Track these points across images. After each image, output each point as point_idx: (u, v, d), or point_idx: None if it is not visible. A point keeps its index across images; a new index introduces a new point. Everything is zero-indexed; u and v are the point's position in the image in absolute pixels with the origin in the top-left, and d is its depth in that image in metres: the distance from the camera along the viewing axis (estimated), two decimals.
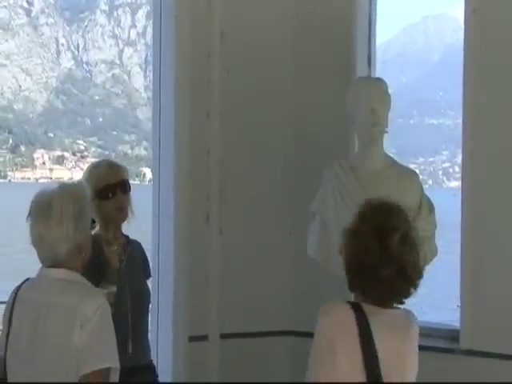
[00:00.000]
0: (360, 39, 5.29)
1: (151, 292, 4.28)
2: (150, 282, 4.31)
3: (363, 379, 2.71)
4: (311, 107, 5.33)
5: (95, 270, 3.18)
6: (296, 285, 5.30)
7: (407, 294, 2.88)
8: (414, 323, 2.93)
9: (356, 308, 2.78)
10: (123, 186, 3.94)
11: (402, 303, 2.91)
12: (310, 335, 5.09)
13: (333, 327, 2.78)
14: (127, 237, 4.08)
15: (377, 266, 2.77)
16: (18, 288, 3.10)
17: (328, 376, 2.75)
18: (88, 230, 3.09)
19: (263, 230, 5.30)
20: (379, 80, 4.56)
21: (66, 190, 3.04)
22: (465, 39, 4.93)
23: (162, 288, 5.08)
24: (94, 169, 3.99)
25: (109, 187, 3.88)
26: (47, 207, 2.96)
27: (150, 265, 4.35)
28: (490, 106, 4.81)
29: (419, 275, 2.87)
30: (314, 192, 4.45)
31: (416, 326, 2.94)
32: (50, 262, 3.00)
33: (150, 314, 4.28)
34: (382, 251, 2.77)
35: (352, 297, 2.96)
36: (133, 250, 4.08)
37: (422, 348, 2.81)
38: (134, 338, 3.86)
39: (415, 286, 2.88)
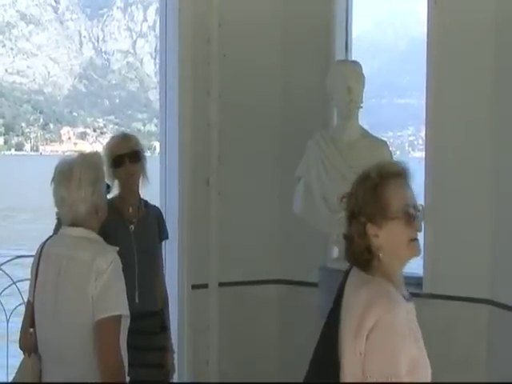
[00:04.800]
0: (338, 29, 5.23)
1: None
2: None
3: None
4: (297, 86, 5.25)
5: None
6: (284, 240, 5.27)
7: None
8: (363, 295, 2.38)
9: (350, 268, 2.56)
10: (132, 156, 3.85)
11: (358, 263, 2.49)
12: (296, 283, 5.15)
13: None
14: (145, 201, 4.01)
15: None
16: (43, 244, 3.07)
17: None
18: (104, 193, 3.04)
19: (256, 192, 5.25)
20: (355, 62, 4.52)
21: (84, 158, 3.00)
22: (428, 29, 4.86)
23: (168, 242, 5.01)
24: (111, 140, 3.96)
25: (119, 157, 3.82)
26: (68, 173, 2.92)
27: None
28: (449, 87, 4.80)
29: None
30: (299, 159, 4.43)
31: (369, 306, 2.35)
32: (71, 221, 2.96)
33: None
34: None
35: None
36: (148, 213, 4.00)
37: None
38: (140, 289, 3.80)
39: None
